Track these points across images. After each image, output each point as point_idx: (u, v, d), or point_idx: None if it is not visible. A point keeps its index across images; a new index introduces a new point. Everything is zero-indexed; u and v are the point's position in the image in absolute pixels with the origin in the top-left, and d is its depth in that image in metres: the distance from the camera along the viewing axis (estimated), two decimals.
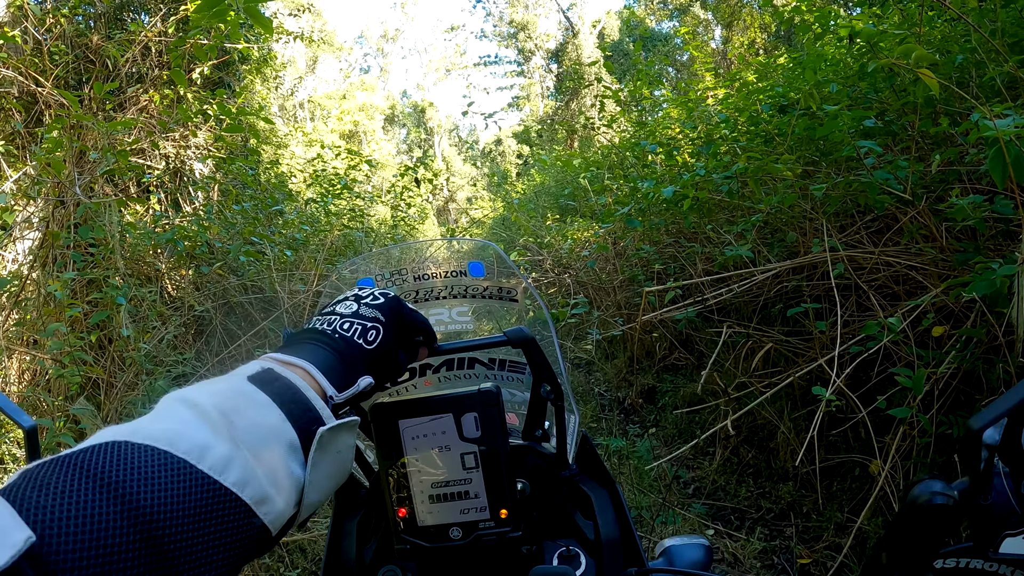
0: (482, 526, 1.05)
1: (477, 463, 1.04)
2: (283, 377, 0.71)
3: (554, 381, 1.13)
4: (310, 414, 0.69)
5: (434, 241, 3.39)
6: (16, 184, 5.38)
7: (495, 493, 1.05)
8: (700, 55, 8.34)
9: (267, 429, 0.64)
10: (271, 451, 0.63)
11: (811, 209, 4.01)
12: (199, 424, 0.59)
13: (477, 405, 1.04)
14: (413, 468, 1.06)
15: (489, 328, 1.46)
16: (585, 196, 8.26)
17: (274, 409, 0.66)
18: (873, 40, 3.64)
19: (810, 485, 3.76)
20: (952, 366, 2.88)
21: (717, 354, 3.80)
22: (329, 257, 6.76)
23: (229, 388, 0.67)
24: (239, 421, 0.62)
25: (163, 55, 7.57)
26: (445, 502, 1.06)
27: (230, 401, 0.64)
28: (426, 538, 1.07)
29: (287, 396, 0.69)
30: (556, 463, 1.19)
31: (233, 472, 0.57)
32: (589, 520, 1.16)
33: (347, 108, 32.77)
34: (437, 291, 1.38)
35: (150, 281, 5.45)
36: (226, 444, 0.59)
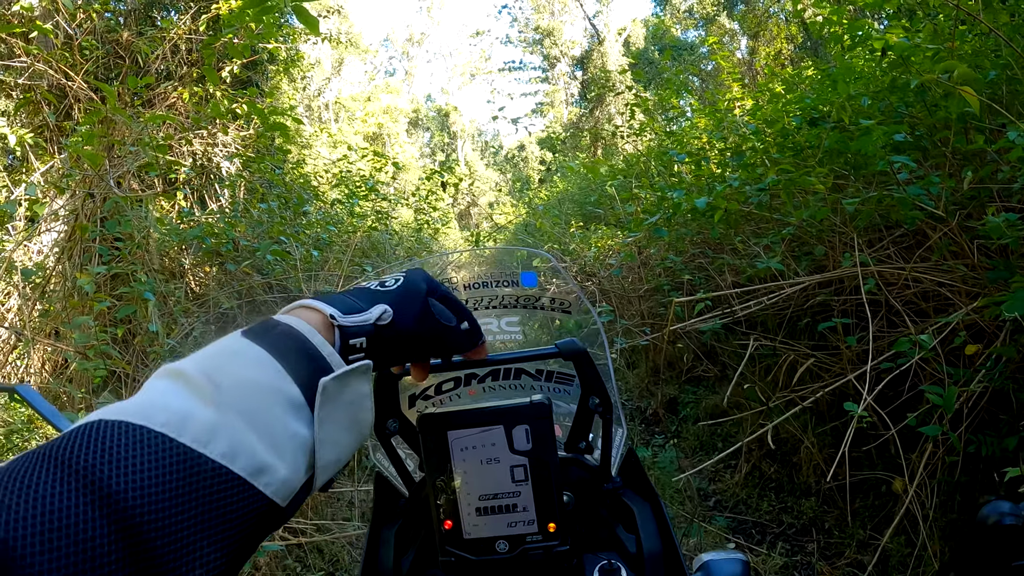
0: (529, 540, 1.04)
1: (527, 476, 1.03)
2: (282, 324, 0.65)
3: (604, 394, 1.12)
4: (314, 363, 0.62)
5: (486, 249, 3.36)
6: (44, 176, 5.43)
7: (544, 506, 1.03)
8: (728, 64, 8.32)
9: (260, 387, 0.57)
10: (266, 412, 0.56)
11: (841, 223, 3.99)
12: (179, 392, 0.55)
13: (529, 417, 1.02)
14: (461, 480, 1.04)
15: (538, 339, 1.44)
16: (611, 204, 8.24)
17: (269, 362, 0.60)
18: (906, 54, 3.62)
19: (832, 501, 3.74)
20: (982, 384, 2.85)
21: (743, 367, 3.78)
22: (354, 258, 6.77)
23: (219, 348, 0.62)
24: (225, 381, 0.56)
25: (192, 53, 7.63)
26: (492, 515, 1.04)
27: (217, 362, 0.59)
28: (471, 551, 1.05)
29: (286, 345, 0.62)
30: (600, 476, 1.18)
31: (220, 442, 0.52)
32: (631, 534, 1.14)
33: (371, 110, 32.91)
34: (487, 300, 1.36)
35: (174, 277, 5.47)
36: (210, 411, 0.53)
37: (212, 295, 5.56)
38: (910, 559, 3.07)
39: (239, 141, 7.26)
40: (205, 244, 5.47)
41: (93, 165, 4.48)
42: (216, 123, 6.78)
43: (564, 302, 1.37)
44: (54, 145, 6.53)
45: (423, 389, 1.30)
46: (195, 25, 7.26)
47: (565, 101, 39.62)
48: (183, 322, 4.92)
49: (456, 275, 1.38)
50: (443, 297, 0.85)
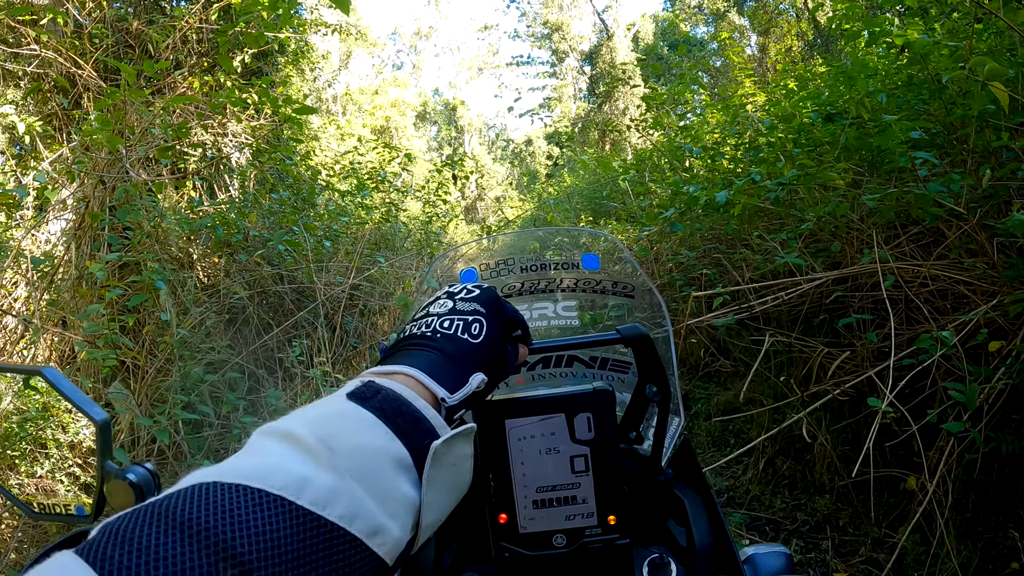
0: (588, 533, 1.00)
1: (587, 466, 1.00)
2: (386, 388, 0.65)
3: (664, 381, 1.09)
4: (420, 426, 0.63)
5: (546, 230, 3.30)
6: (52, 164, 5.42)
7: (604, 498, 1.00)
8: (739, 60, 8.29)
9: (373, 450, 0.58)
10: (380, 475, 0.57)
11: (858, 220, 3.97)
12: (295, 455, 0.55)
13: (592, 405, 0.99)
14: (517, 471, 1.01)
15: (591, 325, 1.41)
16: (623, 199, 8.22)
17: (379, 426, 0.61)
18: (925, 51, 3.59)
19: (847, 499, 3.73)
20: (1003, 381, 2.83)
21: (758, 363, 3.76)
22: (365, 251, 6.75)
23: (327, 411, 0.62)
24: (340, 446, 0.56)
25: (203, 43, 7.61)
26: (550, 507, 1.01)
27: (328, 425, 0.59)
28: (527, 545, 1.02)
29: (392, 409, 0.63)
30: (651, 467, 1.15)
31: (339, 505, 0.53)
32: (681, 527, 1.12)
33: (379, 103, 32.87)
34: (545, 283, 1.33)
35: (183, 267, 5.46)
36: (328, 474, 0.54)
37: (223, 285, 5.55)
38: (926, 557, 3.05)
39: (249, 131, 7.24)
40: (216, 234, 5.46)
41: (112, 148, 4.46)
42: (227, 113, 6.76)
43: (627, 285, 1.33)
44: (63, 134, 6.52)
45: None
46: (206, 14, 7.24)
47: (573, 96, 39.57)
48: (194, 312, 4.91)
49: (515, 256, 1.34)
50: (515, 339, 0.90)
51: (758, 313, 4.35)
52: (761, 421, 4.11)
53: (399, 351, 0.76)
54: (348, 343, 5.68)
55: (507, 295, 1.32)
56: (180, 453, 4.10)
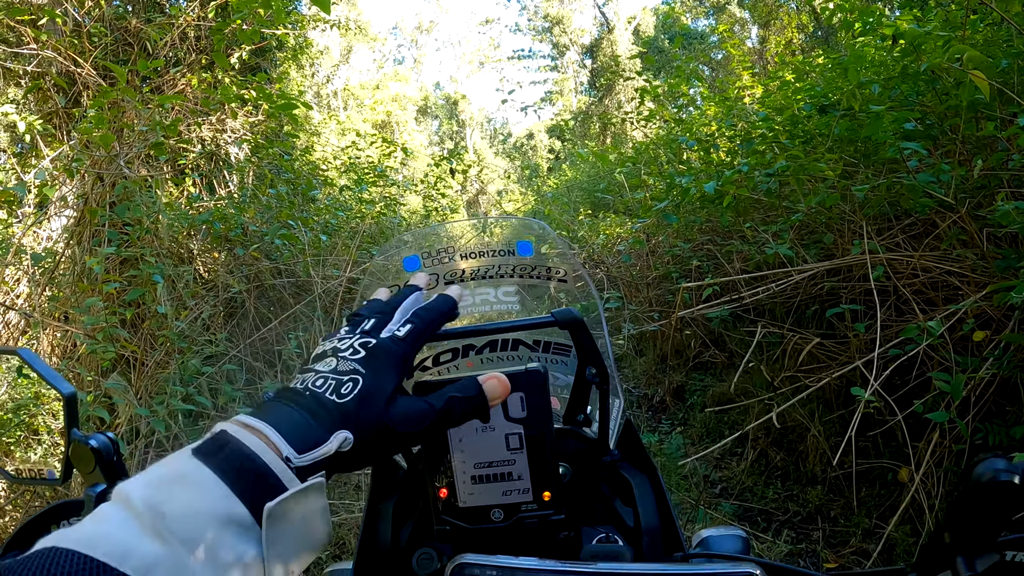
0: (524, 508, 1.04)
1: (521, 444, 1.02)
2: (234, 441, 0.63)
3: (600, 364, 1.11)
4: (263, 483, 0.61)
5: (482, 219, 3.33)
6: (52, 162, 5.45)
7: (539, 475, 1.03)
8: (738, 53, 8.30)
9: (205, 513, 0.57)
10: (211, 539, 0.56)
11: (850, 211, 3.98)
12: (124, 521, 0.54)
13: (524, 385, 1.01)
14: (455, 448, 1.04)
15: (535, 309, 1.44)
16: (620, 192, 8.24)
17: (217, 486, 0.59)
18: (917, 42, 3.61)
19: (838, 490, 3.75)
20: (991, 371, 2.85)
21: (750, 354, 3.78)
22: (362, 244, 6.78)
23: (168, 471, 0.60)
24: (170, 510, 0.55)
25: (200, 40, 7.64)
26: (487, 483, 1.04)
27: (163, 488, 0.58)
28: (466, 519, 1.05)
29: (235, 467, 0.60)
30: (597, 448, 1.17)
31: (159, 574, 0.51)
32: (628, 507, 1.14)
33: (380, 98, 32.88)
34: (484, 270, 1.36)
35: (182, 262, 5.49)
36: (152, 542, 0.53)
37: (220, 279, 5.58)
38: (915, 548, 3.08)
39: (247, 127, 7.27)
40: (214, 228, 5.48)
41: (105, 146, 4.49)
42: (225, 109, 6.79)
43: (559, 270, 1.36)
44: (63, 132, 6.55)
45: (420, 361, 1.30)
46: (203, 12, 7.27)
47: (574, 89, 39.53)
48: (192, 306, 4.94)
49: (454, 245, 1.37)
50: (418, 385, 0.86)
51: (751, 305, 4.37)
52: (754, 412, 4.13)
53: (271, 401, 0.73)
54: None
55: (449, 281, 1.35)
56: (179, 444, 4.13)
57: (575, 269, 1.37)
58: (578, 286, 1.38)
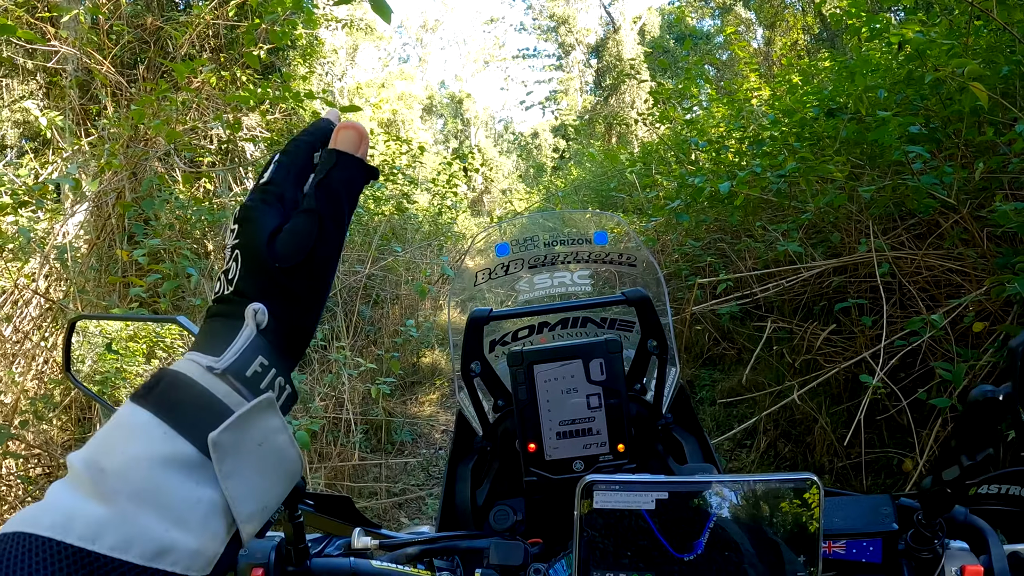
0: (602, 459, 1.21)
1: (600, 403, 1.20)
2: (169, 373, 0.55)
3: (662, 336, 1.28)
4: (207, 412, 0.53)
5: (566, 212, 3.52)
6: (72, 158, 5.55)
7: (615, 430, 1.20)
8: (744, 55, 8.39)
9: (146, 460, 0.50)
10: (159, 485, 0.50)
11: (856, 211, 4.11)
12: (66, 489, 0.50)
13: (603, 352, 1.19)
14: (543, 407, 1.20)
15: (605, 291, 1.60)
16: (630, 191, 8.34)
17: (155, 426, 0.52)
18: (921, 48, 3.73)
19: (845, 479, 3.86)
20: (990, 361, 2.99)
21: (760, 348, 3.91)
22: (381, 241, 6.90)
23: (108, 425, 0.54)
24: (110, 464, 0.50)
25: (218, 38, 7.75)
26: (570, 438, 1.20)
27: (102, 442, 0.52)
28: (552, 470, 1.21)
29: (171, 400, 0.53)
30: (654, 412, 1.34)
31: (108, 535, 0.47)
32: (681, 464, 1.31)
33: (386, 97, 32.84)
34: (564, 256, 1.52)
35: (199, 257, 5.60)
36: (95, 504, 0.48)
37: None
38: None
39: (264, 125, 7.39)
40: None
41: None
42: (243, 108, 6.90)
43: (631, 256, 1.53)
44: (81, 129, 6.65)
45: (502, 335, 1.47)
46: (222, 11, 7.36)
47: (579, 89, 39.49)
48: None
49: (539, 233, 1.54)
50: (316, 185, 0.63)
51: (760, 301, 4.49)
52: (763, 405, 4.25)
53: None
54: (364, 330, 5.84)
55: (532, 265, 1.51)
56: None
57: (644, 256, 1.53)
58: (645, 269, 1.54)
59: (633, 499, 0.79)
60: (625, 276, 1.58)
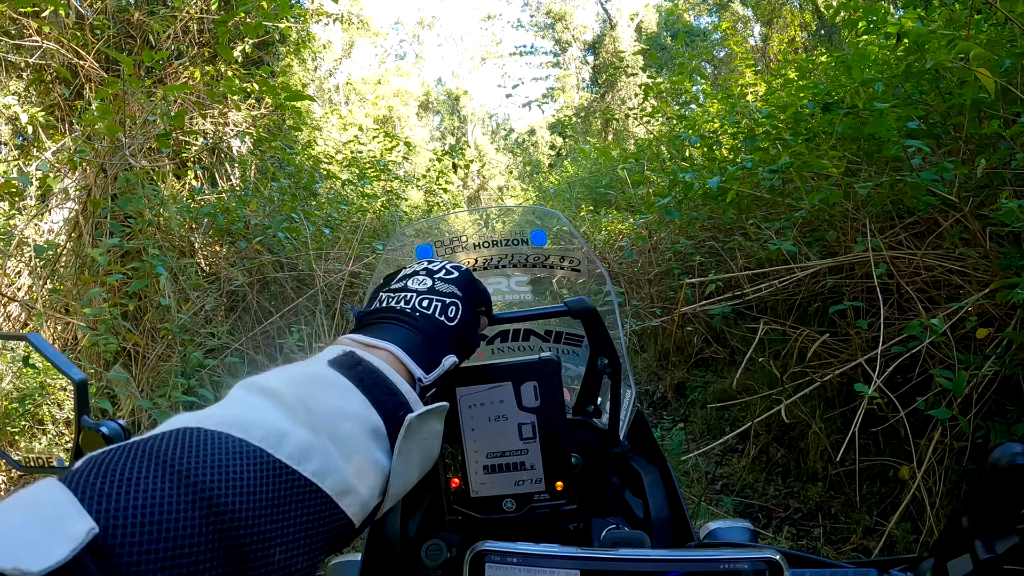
0: (537, 498, 1.03)
1: (535, 434, 1.02)
2: (366, 360, 0.66)
3: (613, 354, 1.11)
4: (395, 399, 0.65)
5: (496, 208, 3.33)
6: (54, 154, 5.44)
7: (551, 465, 1.02)
8: (740, 51, 8.30)
9: (349, 415, 0.60)
10: (354, 439, 0.59)
11: (853, 209, 3.98)
12: (275, 410, 0.56)
13: (537, 374, 1.01)
14: (468, 437, 1.03)
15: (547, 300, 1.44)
16: (622, 188, 8.24)
17: (357, 394, 0.62)
18: (921, 40, 3.60)
19: (839, 487, 3.75)
20: (993, 369, 2.86)
21: (752, 351, 3.78)
22: (365, 239, 6.78)
23: (307, 373, 0.63)
24: (318, 407, 0.58)
25: (203, 33, 7.63)
26: (500, 473, 1.03)
27: (308, 386, 0.60)
28: (478, 509, 1.05)
29: (371, 380, 0.64)
30: (608, 439, 1.17)
31: (313, 461, 0.54)
32: (639, 498, 1.14)
33: (382, 93, 32.82)
34: (497, 259, 1.36)
35: (183, 255, 5.49)
36: (304, 431, 0.55)
37: (223, 272, 5.58)
38: (915, 545, 3.08)
39: (250, 120, 7.26)
40: (217, 222, 5.48)
41: (110, 136, 4.49)
42: (228, 102, 6.78)
43: (574, 259, 1.36)
44: (65, 124, 6.55)
45: None
46: (207, 4, 7.26)
47: (576, 86, 39.44)
48: (194, 298, 4.94)
49: (468, 233, 1.37)
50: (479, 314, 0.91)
51: (753, 302, 4.37)
52: (755, 409, 4.13)
53: (379, 322, 0.77)
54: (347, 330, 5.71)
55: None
56: None
57: (589, 259, 1.37)
58: (595, 274, 1.37)
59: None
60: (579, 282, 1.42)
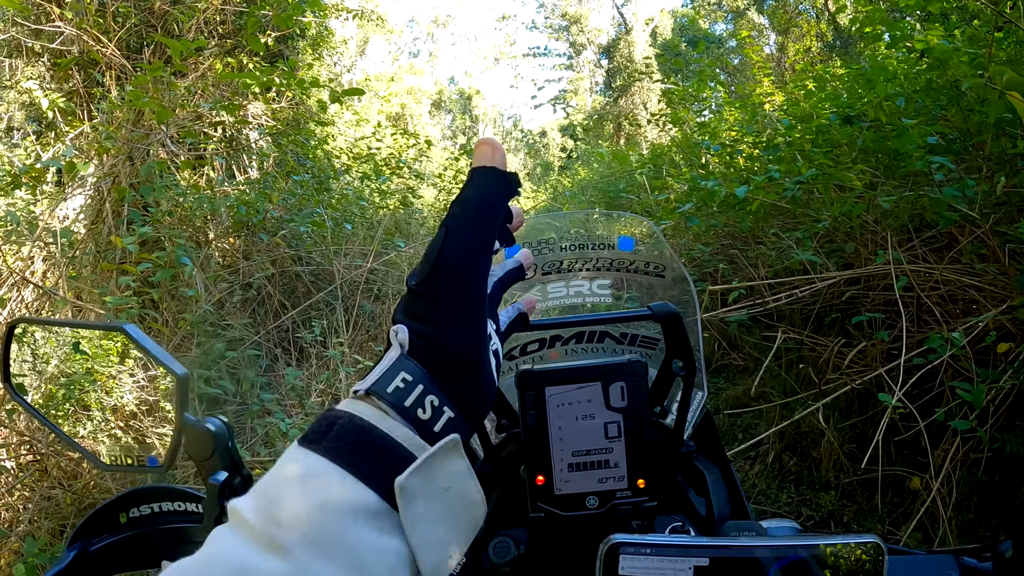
0: (619, 495, 1.07)
1: (620, 432, 1.06)
2: (343, 416, 0.53)
3: (690, 357, 1.14)
4: (388, 456, 0.51)
5: (588, 212, 3.34)
6: (73, 141, 5.47)
7: (635, 463, 1.07)
8: (758, 59, 8.32)
9: (325, 508, 0.48)
10: (340, 535, 0.47)
11: (873, 221, 4.01)
12: (237, 540, 0.47)
13: (625, 375, 1.05)
14: (555, 436, 1.07)
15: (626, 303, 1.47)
16: (638, 193, 8.26)
17: (333, 473, 0.49)
18: (944, 57, 3.63)
19: (851, 496, 3.77)
20: (1010, 382, 2.89)
21: (769, 360, 3.82)
22: (384, 236, 6.81)
23: (279, 472, 0.51)
24: (286, 515, 0.47)
25: (225, 24, 7.66)
26: (584, 471, 1.07)
27: (274, 490, 0.50)
28: (562, 506, 1.08)
29: (350, 445, 0.51)
30: (674, 438, 1.20)
31: None
32: (702, 497, 1.18)
33: (395, 90, 32.82)
34: (582, 263, 1.38)
35: (198, 246, 5.52)
36: (272, 558, 0.45)
37: (241, 265, 5.62)
38: None
39: (270, 113, 7.30)
40: (239, 213, 5.51)
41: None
42: (247, 95, 6.82)
43: (659, 266, 1.39)
44: (84, 111, 6.58)
45: (509, 348, 1.32)
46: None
47: (589, 89, 39.43)
48: (213, 289, 4.98)
49: (556, 236, 1.40)
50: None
51: (771, 310, 4.40)
52: (770, 417, 4.16)
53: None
54: (364, 326, 5.75)
55: (546, 272, 1.38)
56: None
57: (675, 267, 1.40)
58: (678, 280, 1.40)
59: (667, 566, 0.68)
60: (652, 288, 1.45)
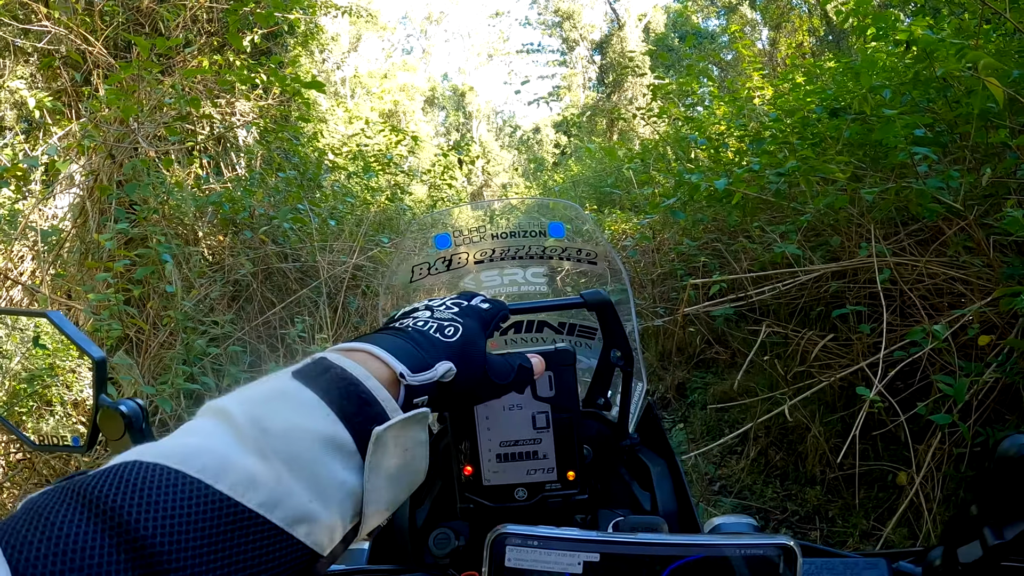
0: (548, 487, 1.05)
1: (548, 423, 1.04)
2: (336, 367, 0.61)
3: (626, 347, 1.13)
4: (368, 409, 0.59)
5: (515, 199, 3.33)
6: (61, 139, 5.45)
7: (564, 455, 1.04)
8: (749, 54, 8.31)
9: (308, 433, 0.54)
10: (313, 459, 0.53)
11: (858, 214, 3.99)
12: (223, 435, 0.52)
13: (553, 364, 1.02)
14: (482, 426, 1.05)
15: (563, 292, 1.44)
16: (627, 188, 8.25)
17: (320, 407, 0.56)
18: (930, 48, 3.61)
19: (836, 491, 3.76)
20: (994, 376, 2.87)
21: (754, 353, 3.79)
22: (369, 231, 6.79)
23: (268, 389, 0.59)
24: (273, 426, 0.53)
25: (212, 22, 7.63)
26: (512, 462, 1.05)
27: (265, 405, 0.56)
28: (490, 498, 1.06)
29: (339, 390, 0.59)
30: (617, 431, 1.18)
31: (260, 491, 0.49)
32: (646, 491, 1.15)
33: (388, 87, 32.79)
34: (514, 250, 1.36)
35: (187, 243, 5.50)
36: (252, 458, 0.51)
37: (227, 262, 5.60)
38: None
39: (257, 111, 7.28)
40: (223, 210, 5.49)
41: (126, 118, 4.50)
42: (235, 92, 6.79)
43: (591, 252, 1.37)
44: (72, 110, 6.55)
45: None
46: None
47: (582, 85, 39.46)
48: (199, 285, 4.95)
49: (486, 225, 1.38)
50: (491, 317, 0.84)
51: (756, 304, 4.38)
52: (755, 411, 4.14)
53: (374, 333, 0.73)
54: (350, 322, 5.73)
55: (479, 260, 1.36)
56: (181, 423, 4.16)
57: (606, 252, 1.38)
58: (613, 268, 1.38)
59: (555, 559, 0.66)
60: (603, 276, 1.42)
